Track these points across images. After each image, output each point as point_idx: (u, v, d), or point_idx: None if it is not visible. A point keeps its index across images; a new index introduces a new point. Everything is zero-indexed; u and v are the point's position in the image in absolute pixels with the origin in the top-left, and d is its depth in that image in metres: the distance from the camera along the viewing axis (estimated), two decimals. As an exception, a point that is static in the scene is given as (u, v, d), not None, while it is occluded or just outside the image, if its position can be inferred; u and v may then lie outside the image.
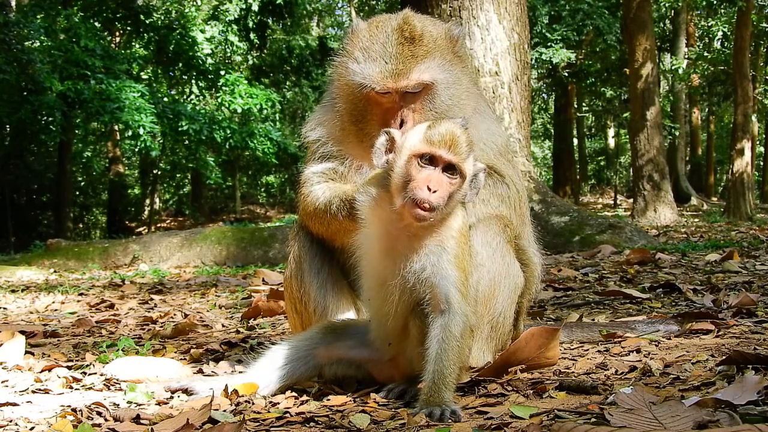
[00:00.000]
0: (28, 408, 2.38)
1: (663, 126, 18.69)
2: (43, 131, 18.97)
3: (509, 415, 2.01)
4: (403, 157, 2.23)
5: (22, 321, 4.96)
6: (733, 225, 14.12)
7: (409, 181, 2.18)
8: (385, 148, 2.31)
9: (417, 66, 2.60)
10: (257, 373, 2.49)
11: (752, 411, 1.78)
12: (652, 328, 3.19)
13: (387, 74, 2.59)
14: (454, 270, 2.22)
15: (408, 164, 2.20)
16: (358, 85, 2.65)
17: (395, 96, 2.63)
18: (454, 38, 2.76)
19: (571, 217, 8.88)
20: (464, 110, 2.72)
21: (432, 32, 2.70)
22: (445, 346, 2.16)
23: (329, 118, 2.89)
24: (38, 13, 19.23)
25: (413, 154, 2.20)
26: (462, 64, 2.79)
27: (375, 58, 2.62)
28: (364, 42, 2.68)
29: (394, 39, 2.62)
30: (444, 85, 2.67)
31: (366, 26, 2.75)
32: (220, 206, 33.84)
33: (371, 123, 2.68)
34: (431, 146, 2.20)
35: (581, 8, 22.39)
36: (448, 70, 2.68)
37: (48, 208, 24.42)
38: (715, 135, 35.58)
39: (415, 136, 2.26)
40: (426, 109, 2.64)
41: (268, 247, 10.41)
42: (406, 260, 2.23)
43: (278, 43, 28.71)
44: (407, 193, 2.17)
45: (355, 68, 2.65)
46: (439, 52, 2.67)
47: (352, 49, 2.71)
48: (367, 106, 2.69)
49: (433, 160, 2.19)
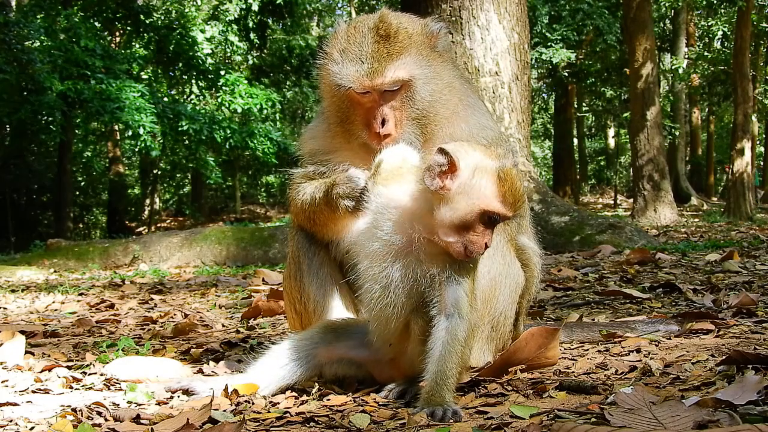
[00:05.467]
0: (28, 408, 2.37)
1: (663, 126, 18.69)
2: (43, 131, 19.00)
3: (509, 415, 2.01)
4: (472, 206, 2.14)
5: (22, 321, 4.96)
6: (733, 225, 14.11)
7: (469, 228, 2.15)
8: (441, 171, 2.16)
9: (392, 63, 2.62)
10: (257, 373, 2.48)
11: (752, 411, 1.78)
12: (652, 328, 3.20)
13: (363, 73, 2.61)
14: (468, 277, 2.24)
15: (475, 216, 2.14)
16: (338, 85, 2.68)
17: (375, 95, 2.65)
18: (432, 33, 2.75)
19: (571, 217, 8.88)
20: (447, 105, 2.74)
21: (408, 29, 2.70)
22: (449, 349, 2.16)
23: (320, 128, 2.93)
24: (38, 13, 19.26)
25: (487, 210, 2.14)
26: (441, 58, 2.78)
27: (352, 59, 2.65)
28: (342, 43, 2.71)
29: (370, 38, 2.65)
30: (422, 81, 2.67)
31: (345, 27, 2.78)
32: (220, 206, 33.84)
33: (355, 123, 2.71)
34: (506, 208, 2.16)
35: (581, 8, 22.40)
36: (425, 65, 2.68)
37: (48, 208, 24.42)
38: (715, 135, 35.59)
39: (490, 187, 2.15)
40: (406, 106, 2.66)
41: (268, 247, 10.40)
42: (423, 264, 2.23)
43: (278, 43, 28.70)
44: (462, 239, 2.15)
45: (334, 69, 2.69)
46: (415, 48, 2.67)
47: (332, 51, 2.74)
48: (350, 107, 2.72)
49: (500, 219, 2.18)
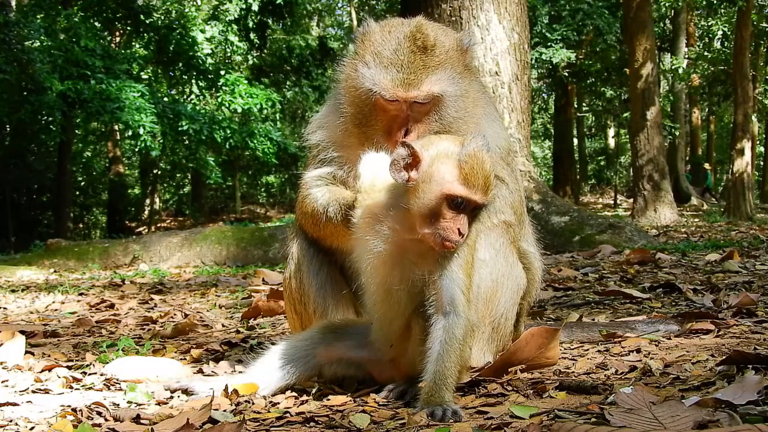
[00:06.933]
0: (28, 408, 2.37)
1: (663, 126, 18.70)
2: (43, 131, 19.03)
3: (509, 415, 2.01)
4: (434, 193, 2.10)
5: (22, 321, 4.96)
6: (733, 225, 14.11)
7: (438, 218, 2.10)
8: (405, 163, 2.15)
9: (428, 77, 2.56)
10: (257, 373, 2.48)
11: (752, 411, 1.78)
12: (652, 328, 3.19)
13: (398, 83, 2.54)
14: (462, 273, 2.22)
15: (439, 202, 2.09)
16: (367, 90, 2.60)
17: (403, 105, 2.58)
18: (465, 49, 2.72)
19: (571, 217, 8.88)
20: (470, 122, 2.70)
21: (444, 43, 2.65)
22: (447, 348, 2.16)
23: (331, 119, 2.86)
24: (38, 13, 19.27)
25: (448, 194, 2.09)
26: (472, 75, 2.76)
27: (386, 65, 2.57)
28: (376, 46, 2.62)
29: (407, 47, 2.57)
30: (452, 98, 2.63)
31: (378, 29, 2.69)
32: (220, 206, 33.87)
33: (375, 128, 2.65)
34: (469, 191, 2.09)
35: (581, 8, 22.42)
36: (457, 82, 2.64)
37: (48, 208, 24.44)
38: (715, 135, 35.60)
39: (450, 171, 2.10)
40: (432, 120, 2.61)
41: (268, 247, 10.40)
42: (417, 266, 2.22)
43: (278, 43, 28.74)
44: (435, 229, 2.10)
45: (365, 72, 2.61)
46: (450, 64, 2.63)
47: (363, 52, 2.66)
48: (372, 111, 2.65)
49: (467, 203, 2.11)
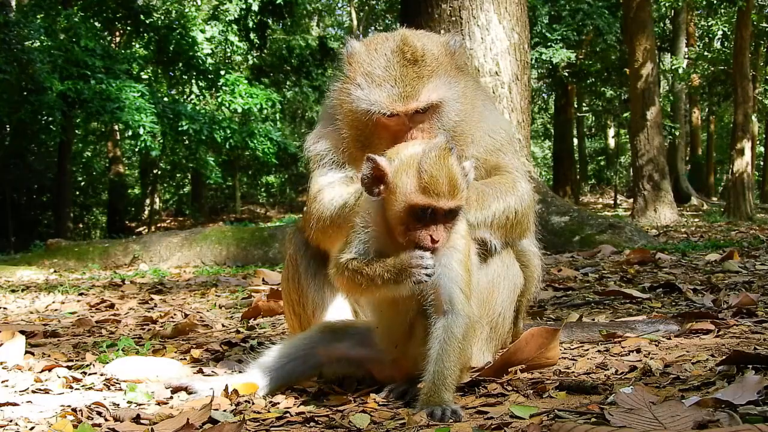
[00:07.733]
0: (28, 408, 2.38)
1: (663, 126, 18.69)
2: (43, 131, 19.01)
3: (509, 415, 2.01)
4: (400, 204, 2.07)
5: (22, 321, 4.96)
6: (733, 225, 14.11)
7: (409, 226, 2.09)
8: (373, 177, 2.14)
9: (425, 87, 2.57)
10: (257, 373, 2.48)
11: (752, 411, 1.78)
12: (652, 328, 3.19)
13: (395, 98, 2.55)
14: (461, 270, 2.21)
15: (406, 213, 2.07)
16: (365, 111, 2.59)
17: (404, 119, 2.59)
18: (454, 51, 2.72)
19: (571, 217, 8.88)
20: (471, 123, 2.71)
21: (433, 50, 2.65)
22: (447, 347, 2.15)
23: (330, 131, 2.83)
24: (38, 13, 19.26)
25: (411, 205, 2.05)
26: (465, 75, 2.77)
27: (380, 83, 2.57)
28: (365, 66, 2.62)
29: (396, 62, 2.58)
30: (452, 102, 2.64)
31: (364, 49, 2.68)
32: (220, 206, 33.85)
33: (379, 146, 2.59)
34: (430, 199, 2.03)
35: (581, 8, 22.41)
36: (453, 86, 2.64)
37: (48, 208, 24.42)
38: (715, 135, 35.58)
39: (410, 181, 2.05)
40: (435, 126, 2.61)
41: (268, 247, 10.40)
42: None
43: (278, 43, 28.72)
44: (410, 238, 2.09)
45: (359, 95, 2.60)
46: (442, 70, 2.63)
47: (354, 75, 2.65)
48: (374, 130, 2.64)
49: (434, 210, 2.06)
